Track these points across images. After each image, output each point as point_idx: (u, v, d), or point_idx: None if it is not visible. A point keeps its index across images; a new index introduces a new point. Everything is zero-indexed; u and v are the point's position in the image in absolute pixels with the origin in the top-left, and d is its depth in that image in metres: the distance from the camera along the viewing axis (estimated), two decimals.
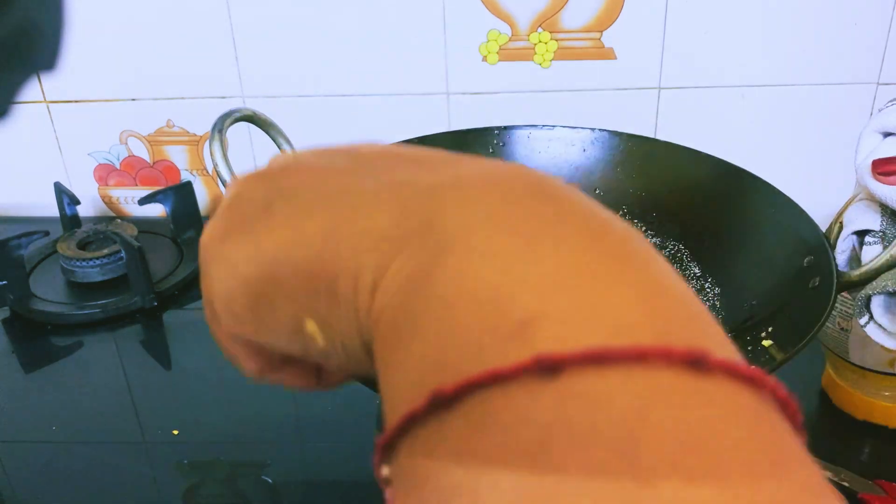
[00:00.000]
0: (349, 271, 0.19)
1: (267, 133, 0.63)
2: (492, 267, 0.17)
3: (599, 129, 0.67)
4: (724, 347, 0.16)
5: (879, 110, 0.55)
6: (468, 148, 0.68)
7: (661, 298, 0.17)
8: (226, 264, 0.22)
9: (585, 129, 0.67)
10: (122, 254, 0.77)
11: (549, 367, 0.15)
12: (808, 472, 0.15)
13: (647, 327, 0.16)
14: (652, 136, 0.83)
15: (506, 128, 0.68)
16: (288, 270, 0.21)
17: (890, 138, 0.53)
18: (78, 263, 0.77)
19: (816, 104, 0.80)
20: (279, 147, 0.63)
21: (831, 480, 0.54)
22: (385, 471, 0.18)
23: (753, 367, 0.15)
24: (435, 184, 0.20)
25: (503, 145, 0.68)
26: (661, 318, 0.16)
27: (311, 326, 0.21)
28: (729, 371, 0.15)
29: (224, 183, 0.57)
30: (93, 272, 0.77)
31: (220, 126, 0.58)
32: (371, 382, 0.23)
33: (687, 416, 0.14)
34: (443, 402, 0.15)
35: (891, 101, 0.56)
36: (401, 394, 0.17)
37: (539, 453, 0.14)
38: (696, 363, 0.15)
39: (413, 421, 0.16)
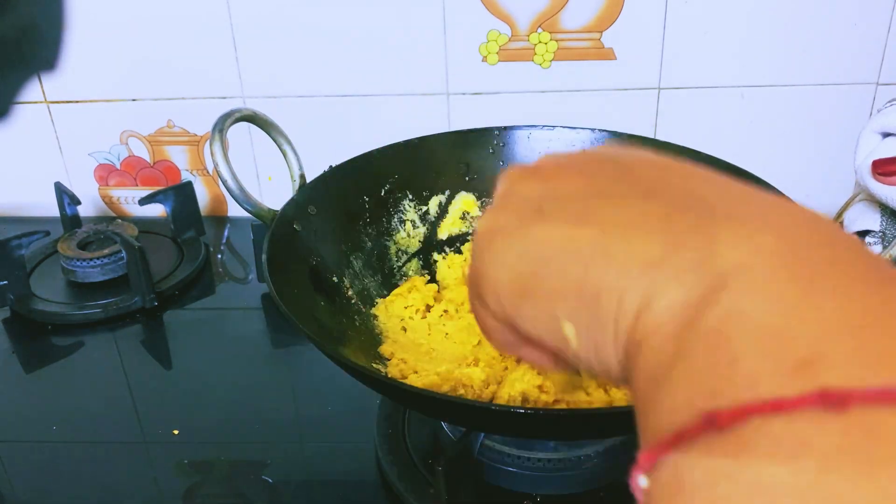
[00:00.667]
0: (615, 290, 0.21)
1: (267, 133, 0.63)
2: (770, 307, 0.18)
3: (599, 130, 0.67)
4: None
5: (878, 111, 0.55)
6: (468, 148, 0.68)
7: None
8: (498, 256, 0.24)
9: (585, 129, 0.67)
10: (123, 254, 0.77)
11: (835, 402, 0.15)
12: None
13: None
14: (652, 136, 0.83)
15: (506, 128, 0.68)
16: (555, 274, 0.22)
17: (889, 139, 0.53)
18: (78, 263, 0.77)
19: (816, 104, 0.80)
20: (279, 147, 0.63)
21: None
22: (644, 481, 0.18)
23: None
24: (708, 218, 0.20)
25: (503, 146, 0.68)
26: None
27: (568, 329, 0.23)
28: None
29: (225, 182, 0.57)
30: (93, 272, 0.77)
31: (221, 126, 0.58)
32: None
33: None
34: (717, 425, 0.16)
35: (889, 101, 0.56)
36: (667, 414, 0.18)
37: (822, 476, 0.15)
38: None
39: (683, 438, 0.17)
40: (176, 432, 0.60)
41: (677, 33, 0.78)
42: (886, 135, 0.53)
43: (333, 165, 0.63)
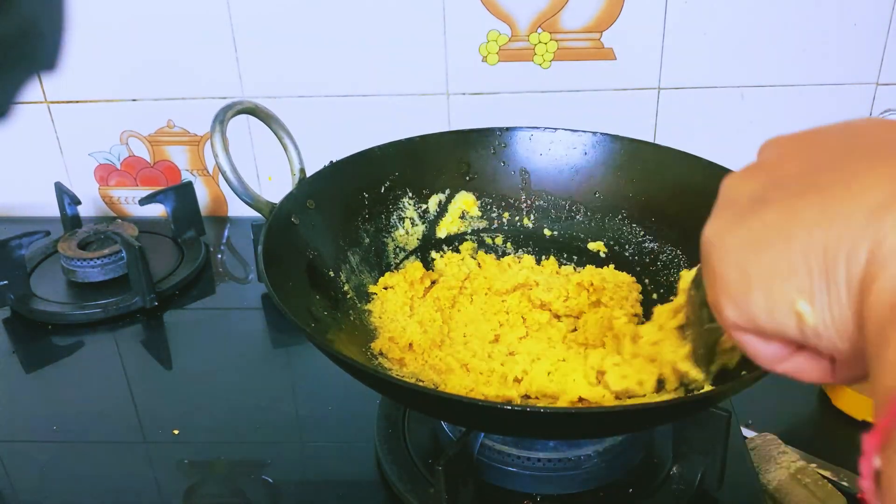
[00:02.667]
0: (843, 245, 0.20)
1: (268, 126, 0.63)
2: None
3: (601, 133, 0.67)
4: None
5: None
6: (470, 147, 0.68)
7: None
8: (723, 257, 0.25)
9: (587, 132, 0.67)
10: (123, 254, 0.77)
11: None
12: None
13: None
14: (651, 136, 0.83)
15: (508, 129, 0.68)
16: (779, 252, 0.22)
17: None
18: (79, 263, 0.77)
19: (816, 104, 0.80)
20: (280, 140, 0.63)
21: (831, 480, 0.54)
22: (877, 462, 0.17)
23: None
24: None
25: (505, 146, 0.68)
26: None
27: (802, 306, 0.22)
28: None
29: (224, 174, 0.57)
30: (93, 272, 0.77)
31: (222, 118, 0.58)
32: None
33: None
34: None
35: (884, 112, 0.55)
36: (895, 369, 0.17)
37: None
38: None
39: None
40: (176, 432, 0.60)
41: (677, 33, 0.78)
42: None
43: (334, 161, 0.63)
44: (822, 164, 0.23)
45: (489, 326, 0.59)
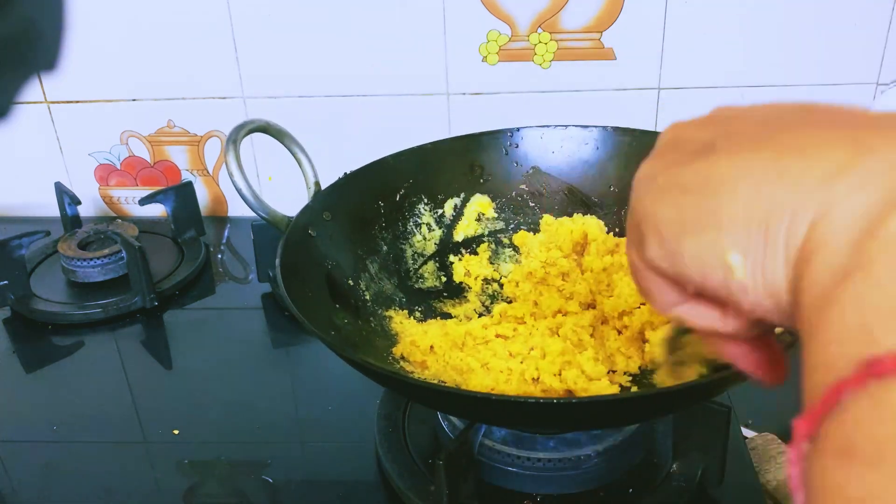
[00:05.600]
0: (788, 207, 0.19)
1: (281, 142, 0.63)
2: None
3: (612, 128, 0.66)
4: None
5: (882, 92, 0.54)
6: (482, 150, 0.68)
7: None
8: (661, 193, 0.23)
9: (597, 127, 0.67)
10: (123, 254, 0.77)
11: None
12: None
13: None
14: None
15: (518, 129, 0.68)
16: (722, 203, 0.21)
17: None
18: (79, 263, 0.77)
19: None
20: (294, 155, 0.63)
21: None
22: (805, 448, 0.17)
23: None
24: None
25: (516, 146, 0.68)
26: None
27: (734, 259, 0.21)
28: None
29: (240, 191, 0.57)
30: (93, 272, 0.77)
31: (235, 137, 0.58)
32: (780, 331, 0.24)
33: None
34: (878, 373, 0.14)
35: (892, 83, 0.54)
36: (832, 352, 0.16)
37: None
38: None
39: (842, 392, 0.15)
40: (176, 432, 0.60)
41: (677, 33, 0.78)
42: None
43: (348, 172, 0.63)
44: (778, 126, 0.22)
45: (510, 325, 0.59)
